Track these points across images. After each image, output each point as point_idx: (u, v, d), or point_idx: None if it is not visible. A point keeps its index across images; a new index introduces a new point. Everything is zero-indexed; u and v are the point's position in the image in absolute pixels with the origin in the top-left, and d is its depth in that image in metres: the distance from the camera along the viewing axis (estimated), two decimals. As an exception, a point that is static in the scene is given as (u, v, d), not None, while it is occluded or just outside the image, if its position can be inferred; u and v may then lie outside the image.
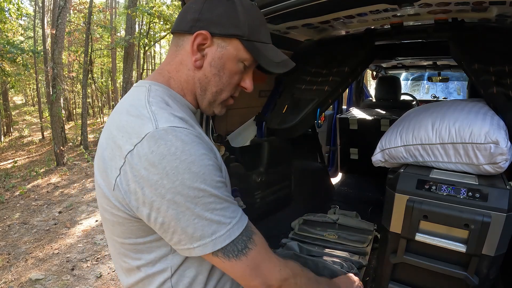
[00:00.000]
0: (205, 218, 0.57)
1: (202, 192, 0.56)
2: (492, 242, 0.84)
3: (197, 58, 0.67)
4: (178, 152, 0.55)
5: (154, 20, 9.95)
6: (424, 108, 1.17)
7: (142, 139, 0.56)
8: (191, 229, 0.57)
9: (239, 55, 0.69)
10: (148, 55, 15.75)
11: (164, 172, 0.54)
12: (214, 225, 0.58)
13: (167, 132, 0.56)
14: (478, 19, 1.34)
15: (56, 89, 6.29)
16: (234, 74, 0.71)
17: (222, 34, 0.66)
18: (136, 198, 0.57)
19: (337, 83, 1.55)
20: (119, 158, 0.58)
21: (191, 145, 0.56)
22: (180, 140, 0.56)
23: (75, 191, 5.12)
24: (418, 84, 5.00)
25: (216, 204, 0.58)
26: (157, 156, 0.54)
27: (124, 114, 0.62)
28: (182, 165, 0.55)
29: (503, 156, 0.89)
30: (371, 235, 1.49)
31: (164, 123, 0.57)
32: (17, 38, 10.12)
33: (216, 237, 0.58)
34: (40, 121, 12.30)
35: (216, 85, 0.70)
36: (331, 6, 1.24)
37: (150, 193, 0.55)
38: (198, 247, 0.58)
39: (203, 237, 0.57)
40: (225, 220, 0.59)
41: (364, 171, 2.66)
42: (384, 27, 1.60)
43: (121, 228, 0.63)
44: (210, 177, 0.57)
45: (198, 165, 0.56)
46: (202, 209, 0.56)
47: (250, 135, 1.74)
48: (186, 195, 0.55)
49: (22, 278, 2.69)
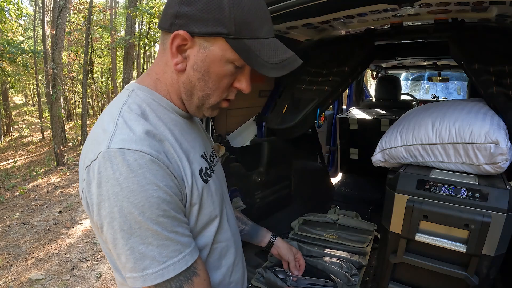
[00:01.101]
0: (137, 251, 0.54)
1: (139, 224, 0.53)
2: (492, 242, 0.84)
3: (178, 61, 0.60)
4: (121, 178, 0.52)
5: (154, 20, 9.95)
6: (424, 108, 1.17)
7: (96, 156, 0.54)
8: (123, 258, 0.55)
9: (226, 55, 0.58)
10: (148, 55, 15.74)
11: (106, 195, 0.53)
12: (147, 260, 0.54)
13: (116, 155, 0.53)
14: (478, 19, 1.33)
15: (56, 89, 6.30)
16: (222, 77, 0.61)
17: (203, 33, 0.56)
18: (91, 210, 0.57)
19: (337, 83, 1.55)
20: (82, 170, 0.58)
21: (137, 172, 0.52)
22: (126, 165, 0.52)
23: (75, 191, 5.12)
24: (418, 84, 5.00)
25: (153, 239, 0.54)
26: (103, 177, 0.53)
27: (98, 123, 0.61)
28: (123, 192, 0.52)
29: (503, 156, 0.89)
30: (371, 235, 1.49)
31: (117, 143, 0.53)
32: (17, 38, 10.12)
33: (147, 273, 0.54)
34: (40, 121, 12.30)
35: (202, 90, 0.62)
36: (331, 6, 1.24)
37: (97, 210, 0.55)
38: (129, 278, 0.56)
39: (134, 270, 0.55)
40: (160, 258, 0.55)
41: (364, 171, 2.66)
42: (384, 27, 1.60)
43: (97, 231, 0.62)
44: (151, 210, 0.53)
45: (139, 196, 0.52)
46: (136, 241, 0.53)
47: (250, 135, 1.74)
48: (122, 223, 0.52)
49: (22, 278, 2.69)
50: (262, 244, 1.15)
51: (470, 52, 1.24)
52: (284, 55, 0.61)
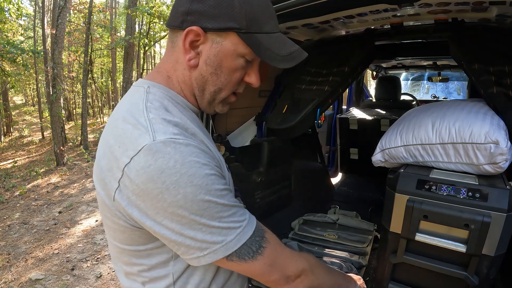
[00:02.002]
0: (213, 227, 0.55)
1: (208, 203, 0.54)
2: (492, 242, 0.84)
3: (191, 57, 0.61)
4: (177, 165, 0.52)
5: (154, 20, 9.95)
6: (424, 108, 1.17)
7: (138, 152, 0.52)
8: (200, 236, 0.55)
9: (238, 49, 0.61)
10: (148, 55, 15.75)
11: (164, 187, 0.52)
12: (224, 231, 0.56)
13: (165, 145, 0.52)
14: (478, 19, 1.33)
15: (56, 89, 6.30)
16: (233, 71, 0.63)
17: (216, 28, 0.58)
18: (139, 210, 0.55)
19: (337, 83, 1.55)
20: (117, 170, 0.55)
21: (190, 156, 0.53)
22: (179, 153, 0.53)
23: (75, 191, 5.12)
24: (418, 84, 5.00)
25: (224, 212, 0.56)
26: (155, 170, 0.51)
27: (121, 121, 0.59)
28: (183, 178, 0.52)
29: (503, 156, 0.89)
30: (371, 235, 1.49)
31: (161, 134, 0.54)
32: (17, 38, 10.12)
33: (227, 242, 0.56)
34: (40, 121, 12.31)
35: (214, 84, 0.64)
36: (331, 6, 1.24)
37: (151, 206, 0.53)
38: (208, 254, 0.56)
39: (213, 243, 0.56)
40: (234, 225, 0.57)
41: (364, 171, 2.66)
42: (384, 27, 1.60)
43: (122, 235, 0.61)
44: (214, 187, 0.55)
45: (199, 177, 0.53)
46: (209, 219, 0.55)
47: (250, 135, 1.73)
48: (191, 208, 0.53)
49: (22, 278, 2.69)
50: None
51: (470, 52, 1.24)
52: (292, 48, 0.64)
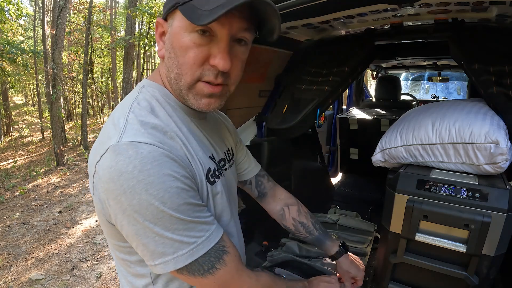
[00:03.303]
0: (166, 237, 0.54)
1: (162, 214, 0.52)
2: (492, 242, 0.84)
3: (159, 47, 0.62)
4: (135, 171, 0.51)
5: (154, 20, 9.94)
6: (424, 108, 1.17)
7: (106, 151, 0.53)
8: (152, 246, 0.54)
9: (183, 25, 0.56)
10: (148, 55, 15.74)
11: (122, 189, 0.51)
12: (176, 243, 0.54)
13: (128, 148, 0.52)
14: (478, 19, 1.33)
15: (56, 89, 6.30)
16: (185, 50, 0.57)
17: (167, 12, 0.59)
18: (104, 207, 0.56)
19: (337, 83, 1.55)
20: (92, 165, 0.56)
21: (151, 164, 0.52)
22: (139, 158, 0.51)
23: (75, 191, 5.12)
24: (418, 84, 5.00)
25: (179, 225, 0.54)
26: (115, 172, 0.51)
27: (110, 118, 0.61)
28: (139, 185, 0.51)
29: (503, 156, 0.89)
30: (371, 235, 1.49)
31: (128, 136, 0.53)
32: (17, 38, 10.12)
33: (178, 255, 0.55)
34: (40, 121, 12.31)
35: (172, 70, 0.59)
36: (331, 6, 1.24)
37: (114, 205, 0.54)
38: (159, 264, 0.55)
39: (164, 254, 0.55)
40: (188, 240, 0.55)
41: (364, 171, 2.66)
42: (384, 27, 1.60)
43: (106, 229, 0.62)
44: (171, 200, 0.53)
45: (157, 187, 0.52)
46: (162, 229, 0.53)
47: (250, 135, 1.73)
48: (144, 214, 0.52)
49: (22, 278, 2.69)
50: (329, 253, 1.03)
51: (470, 52, 1.24)
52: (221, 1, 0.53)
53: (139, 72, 11.79)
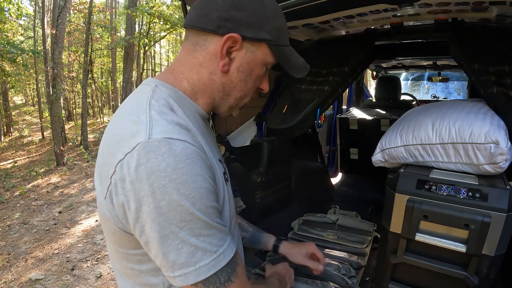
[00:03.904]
0: (190, 244, 0.51)
1: (190, 216, 0.51)
2: (492, 242, 0.84)
3: (225, 62, 0.61)
4: (168, 169, 0.49)
5: (154, 20, 9.95)
6: (424, 108, 1.17)
7: (133, 149, 0.50)
8: (173, 255, 0.52)
9: (266, 59, 0.65)
10: (148, 55, 15.74)
11: (150, 189, 0.49)
12: (199, 252, 0.52)
13: (160, 144, 0.50)
14: (478, 19, 1.33)
15: (56, 89, 6.30)
16: (258, 79, 0.67)
17: (254, 38, 0.61)
18: (124, 212, 0.53)
19: (337, 83, 1.55)
20: (111, 166, 0.53)
21: (185, 162, 0.50)
22: (173, 156, 0.50)
23: (75, 191, 5.12)
24: (418, 84, 5.00)
25: (204, 230, 0.52)
26: (145, 170, 0.49)
27: (123, 117, 0.58)
28: (171, 184, 0.49)
29: (503, 156, 0.89)
30: (371, 236, 1.49)
31: (159, 133, 0.51)
32: (17, 38, 10.12)
33: (200, 266, 0.52)
34: (40, 121, 12.31)
35: (241, 91, 0.66)
36: (331, 6, 1.24)
37: (135, 209, 0.51)
38: (179, 276, 0.53)
39: (186, 265, 0.52)
40: (211, 248, 0.53)
41: (364, 171, 2.66)
42: (384, 27, 1.60)
43: (114, 236, 0.60)
44: (201, 201, 0.52)
45: (189, 187, 0.50)
46: (187, 234, 0.51)
47: (250, 135, 1.73)
48: (172, 217, 0.50)
49: (22, 278, 2.69)
50: (267, 249, 1.09)
51: (470, 52, 1.24)
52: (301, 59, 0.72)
53: (139, 72, 11.79)
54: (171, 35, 12.95)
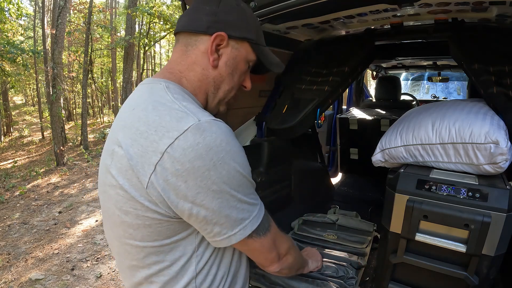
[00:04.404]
0: (245, 202, 0.63)
1: (244, 179, 0.62)
2: (492, 242, 0.84)
3: (215, 58, 0.70)
4: (223, 143, 0.57)
5: (154, 20, 9.96)
6: (424, 108, 1.17)
7: (185, 131, 0.56)
8: (234, 214, 0.61)
9: (248, 56, 0.75)
10: (148, 55, 15.75)
11: (211, 163, 0.56)
12: (251, 207, 0.64)
13: (211, 124, 0.58)
14: (478, 19, 1.33)
15: (56, 89, 6.30)
16: (242, 74, 0.76)
17: (237, 36, 0.71)
18: (177, 193, 0.56)
19: (337, 83, 1.55)
20: (154, 153, 0.56)
21: (231, 137, 0.60)
22: (223, 132, 0.59)
23: (75, 191, 5.12)
24: (418, 84, 5.00)
25: (250, 189, 0.65)
26: (203, 147, 0.55)
27: (151, 110, 0.60)
28: (228, 155, 0.58)
29: (503, 156, 0.89)
30: (371, 236, 1.49)
31: (205, 116, 0.59)
32: (17, 38, 10.12)
33: (252, 217, 0.64)
34: (40, 121, 12.31)
35: (228, 83, 0.74)
36: (331, 6, 1.24)
37: (194, 185, 0.56)
38: (239, 231, 0.62)
39: (243, 219, 0.63)
40: (255, 201, 0.66)
41: (364, 171, 2.66)
42: (384, 27, 1.60)
43: (147, 230, 0.61)
44: (247, 166, 0.64)
45: (240, 155, 0.61)
46: (243, 194, 0.62)
47: (250, 135, 1.73)
48: (231, 183, 0.59)
49: (22, 278, 2.69)
50: None
51: (470, 52, 1.24)
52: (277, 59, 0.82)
53: (139, 72, 11.79)
54: (171, 35, 12.95)
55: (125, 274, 0.71)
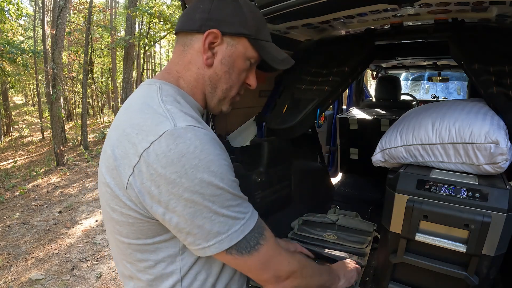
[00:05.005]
0: (222, 215, 0.58)
1: (220, 190, 0.57)
2: (492, 242, 0.84)
3: (208, 56, 0.68)
4: (197, 151, 0.55)
5: (154, 20, 9.96)
6: (424, 108, 1.17)
7: (159, 136, 0.55)
8: (208, 226, 0.57)
9: (247, 53, 0.71)
10: (148, 55, 15.75)
11: (183, 171, 0.54)
12: (230, 221, 0.59)
13: (186, 131, 0.56)
14: (478, 19, 1.33)
15: (56, 89, 6.30)
16: (242, 72, 0.73)
17: (232, 33, 0.68)
18: (151, 197, 0.56)
19: (337, 83, 1.55)
20: (133, 156, 0.57)
21: (208, 144, 0.57)
22: (199, 139, 0.56)
23: (75, 191, 5.12)
24: (418, 84, 5.00)
25: (232, 201, 0.60)
26: (175, 154, 0.54)
27: (138, 112, 0.62)
28: (201, 163, 0.55)
29: (503, 156, 0.89)
30: (371, 236, 1.48)
31: (182, 121, 0.57)
32: (17, 38, 10.12)
33: (232, 232, 0.59)
34: (40, 121, 12.31)
35: (226, 82, 0.71)
36: (331, 6, 1.24)
37: (166, 192, 0.55)
38: (213, 244, 0.58)
39: (219, 233, 0.58)
40: (239, 215, 0.60)
41: (364, 171, 2.66)
42: (384, 27, 1.60)
43: (131, 228, 0.62)
44: (227, 176, 0.59)
45: (216, 164, 0.57)
46: (219, 206, 0.57)
47: (250, 135, 1.73)
48: (204, 193, 0.56)
49: (22, 278, 2.69)
50: None
51: (470, 52, 1.24)
52: (284, 55, 0.78)
53: (139, 72, 11.79)
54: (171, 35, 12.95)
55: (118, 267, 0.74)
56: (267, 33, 0.74)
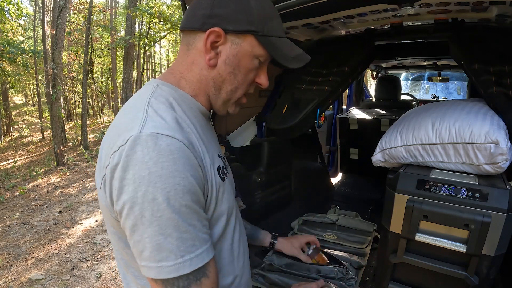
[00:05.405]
0: (156, 241, 0.52)
1: (160, 212, 0.51)
2: (492, 242, 0.84)
3: (211, 56, 0.64)
4: (150, 162, 0.51)
5: (154, 20, 9.96)
6: (424, 108, 1.17)
7: (126, 142, 0.53)
8: (141, 246, 0.53)
9: (254, 51, 0.65)
10: (148, 55, 15.75)
11: (131, 179, 0.51)
12: (164, 252, 0.52)
13: (148, 139, 0.52)
14: (478, 19, 1.33)
15: (56, 89, 6.30)
16: (249, 71, 0.67)
17: (236, 30, 0.62)
18: (111, 199, 0.56)
19: (337, 83, 1.55)
20: (106, 157, 0.56)
21: (167, 157, 0.52)
22: (157, 150, 0.52)
23: (75, 191, 5.12)
24: (418, 84, 5.00)
25: (173, 230, 0.52)
26: (130, 161, 0.52)
27: (123, 113, 0.62)
28: (150, 177, 0.51)
29: (503, 156, 0.89)
30: (371, 236, 1.49)
31: (150, 128, 0.54)
32: (17, 38, 10.12)
33: (162, 266, 0.53)
34: (40, 121, 12.31)
35: (231, 83, 0.67)
36: (331, 6, 1.24)
37: (117, 195, 0.54)
38: (144, 266, 0.54)
39: (149, 259, 0.53)
40: (177, 251, 0.53)
41: (364, 171, 2.66)
42: (384, 27, 1.60)
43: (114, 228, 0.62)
44: (175, 198, 0.52)
45: (166, 182, 0.51)
46: (155, 230, 0.52)
47: (250, 135, 1.73)
48: (144, 209, 0.51)
49: (22, 278, 2.69)
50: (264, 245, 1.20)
51: (470, 52, 1.24)
52: (298, 51, 0.71)
53: (139, 72, 11.79)
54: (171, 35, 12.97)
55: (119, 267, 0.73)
56: (278, 27, 0.67)
